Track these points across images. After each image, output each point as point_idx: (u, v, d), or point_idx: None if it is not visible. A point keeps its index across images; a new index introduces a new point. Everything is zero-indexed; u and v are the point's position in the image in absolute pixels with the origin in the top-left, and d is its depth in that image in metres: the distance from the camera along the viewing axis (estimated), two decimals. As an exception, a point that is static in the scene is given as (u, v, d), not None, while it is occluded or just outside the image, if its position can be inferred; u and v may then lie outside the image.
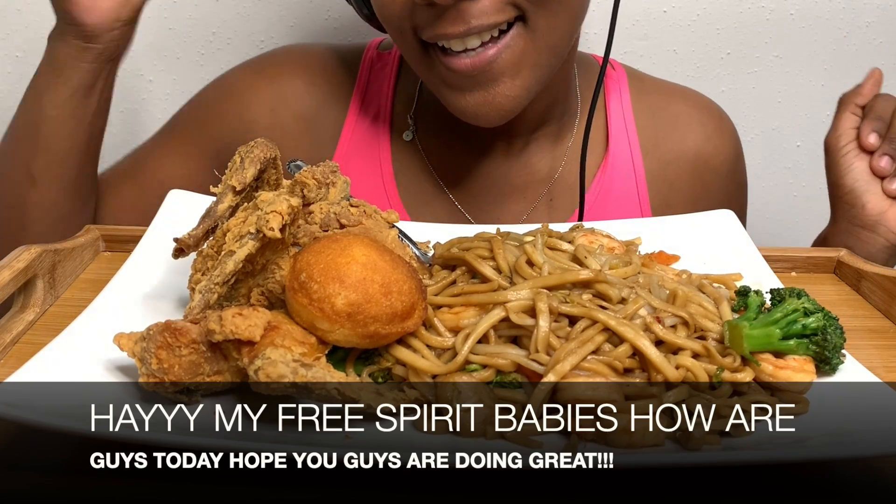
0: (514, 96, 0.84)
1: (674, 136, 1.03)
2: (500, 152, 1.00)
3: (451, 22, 0.79)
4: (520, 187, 1.00)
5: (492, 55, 0.81)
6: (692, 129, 1.03)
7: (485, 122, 0.86)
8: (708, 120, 1.05)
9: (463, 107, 0.86)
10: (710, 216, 0.87)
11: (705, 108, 1.06)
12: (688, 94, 1.08)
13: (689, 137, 1.03)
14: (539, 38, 0.83)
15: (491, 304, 0.61)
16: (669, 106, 1.04)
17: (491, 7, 0.79)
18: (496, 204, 1.01)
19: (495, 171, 1.00)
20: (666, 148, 1.03)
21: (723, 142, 1.05)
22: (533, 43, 0.83)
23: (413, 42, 0.84)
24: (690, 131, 1.03)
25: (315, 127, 1.02)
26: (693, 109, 1.05)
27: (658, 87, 1.07)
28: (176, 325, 0.56)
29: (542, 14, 0.82)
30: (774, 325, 0.61)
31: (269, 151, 0.67)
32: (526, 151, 1.00)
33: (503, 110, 0.85)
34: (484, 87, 0.83)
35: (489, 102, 0.84)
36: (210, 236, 0.65)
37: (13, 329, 0.67)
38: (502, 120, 0.86)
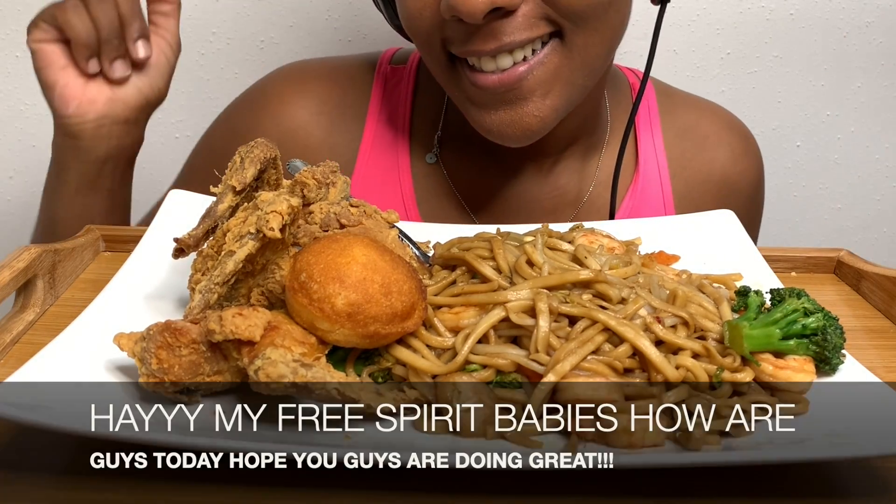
0: (543, 116, 0.81)
1: (702, 157, 1.00)
2: (528, 174, 0.95)
3: (482, 39, 0.76)
4: (549, 210, 0.97)
5: (522, 72, 0.78)
6: (720, 151, 1.00)
7: (511, 141, 0.82)
8: (737, 142, 1.02)
9: (488, 125, 0.82)
10: (711, 216, 0.87)
11: (734, 128, 1.03)
12: (717, 112, 1.04)
13: (717, 159, 1.00)
14: (575, 56, 0.79)
15: (491, 304, 0.61)
16: (699, 126, 1.01)
17: (524, 23, 0.76)
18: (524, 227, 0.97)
19: (523, 193, 0.96)
20: (694, 169, 0.99)
21: (749, 165, 1.02)
22: (568, 60, 0.79)
23: (441, 56, 0.81)
24: (719, 153, 1.00)
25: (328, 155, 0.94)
26: (722, 130, 1.01)
27: (686, 104, 1.03)
28: (176, 325, 0.56)
29: (579, 31, 0.78)
30: (774, 325, 0.61)
31: (269, 151, 0.67)
32: (554, 172, 0.96)
33: (530, 130, 0.81)
34: (511, 106, 0.80)
35: (516, 122, 0.80)
36: (210, 236, 0.65)
37: (13, 329, 0.67)
38: (529, 140, 0.83)
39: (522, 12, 0.76)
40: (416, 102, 0.98)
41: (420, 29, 0.80)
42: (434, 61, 0.83)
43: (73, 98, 0.84)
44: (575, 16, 0.76)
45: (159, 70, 0.88)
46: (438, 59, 0.82)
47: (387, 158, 0.96)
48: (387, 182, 0.96)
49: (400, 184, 0.96)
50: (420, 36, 0.81)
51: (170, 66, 0.89)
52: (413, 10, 0.80)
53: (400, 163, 0.96)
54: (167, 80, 0.90)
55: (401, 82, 0.99)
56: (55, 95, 0.85)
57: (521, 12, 0.76)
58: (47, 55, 0.83)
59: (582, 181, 0.97)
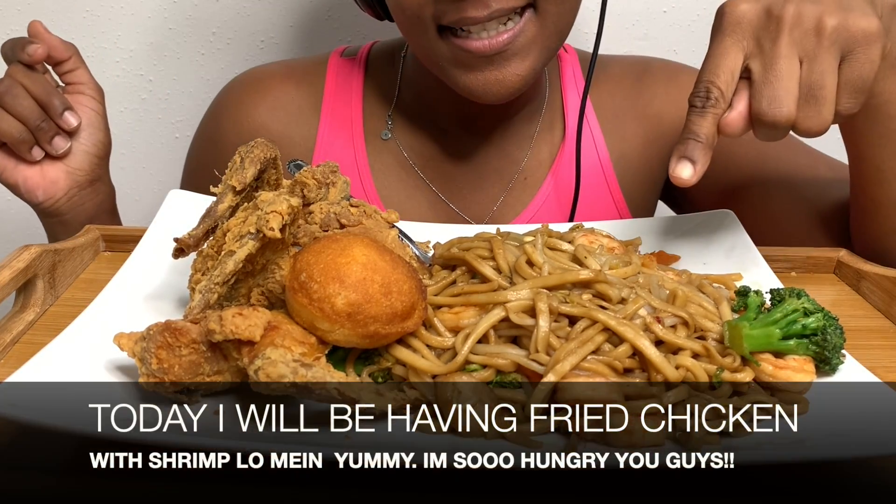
0: (523, 76, 0.88)
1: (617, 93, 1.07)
2: (479, 139, 1.04)
3: (473, 6, 0.83)
4: (497, 169, 1.04)
5: (506, 39, 0.85)
6: (628, 83, 1.07)
7: (494, 98, 0.89)
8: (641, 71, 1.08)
9: (473, 84, 0.89)
10: (711, 216, 0.87)
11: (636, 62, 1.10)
12: (624, 59, 1.12)
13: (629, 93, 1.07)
14: (549, 23, 0.87)
15: (491, 304, 0.61)
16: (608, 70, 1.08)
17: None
18: (475, 189, 1.04)
19: (474, 158, 1.04)
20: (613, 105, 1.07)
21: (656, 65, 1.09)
22: (542, 28, 0.87)
23: (430, 26, 0.87)
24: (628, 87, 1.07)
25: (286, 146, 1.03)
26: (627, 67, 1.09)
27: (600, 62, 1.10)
28: (176, 325, 0.56)
29: (552, 2, 0.86)
30: (774, 325, 0.61)
31: (269, 151, 0.67)
32: (503, 137, 1.04)
33: (512, 88, 0.89)
34: (496, 67, 0.87)
35: (500, 80, 0.88)
36: (210, 236, 0.65)
37: (13, 329, 0.67)
38: (510, 97, 0.90)
39: None
40: (366, 86, 1.06)
41: (411, 4, 0.86)
42: (421, 34, 0.88)
43: (36, 187, 0.92)
44: None
45: (93, 125, 0.95)
46: (426, 30, 0.87)
47: (342, 141, 1.04)
48: (342, 160, 1.03)
49: (356, 161, 1.03)
50: (410, 10, 0.86)
51: (100, 116, 0.96)
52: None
53: (355, 142, 1.04)
54: (104, 128, 0.96)
55: (353, 70, 1.07)
56: (22, 192, 0.93)
57: None
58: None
59: (525, 142, 1.05)
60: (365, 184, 1.03)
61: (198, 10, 1.30)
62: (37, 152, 0.90)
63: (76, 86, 0.94)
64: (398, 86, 1.05)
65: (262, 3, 1.30)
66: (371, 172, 1.03)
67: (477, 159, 1.04)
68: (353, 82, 1.06)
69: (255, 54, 1.33)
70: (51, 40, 0.92)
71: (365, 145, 1.04)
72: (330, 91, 1.06)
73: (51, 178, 0.92)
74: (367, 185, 1.03)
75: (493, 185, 1.04)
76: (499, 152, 1.04)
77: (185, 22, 1.31)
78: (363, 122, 1.05)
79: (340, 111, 1.05)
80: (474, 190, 1.04)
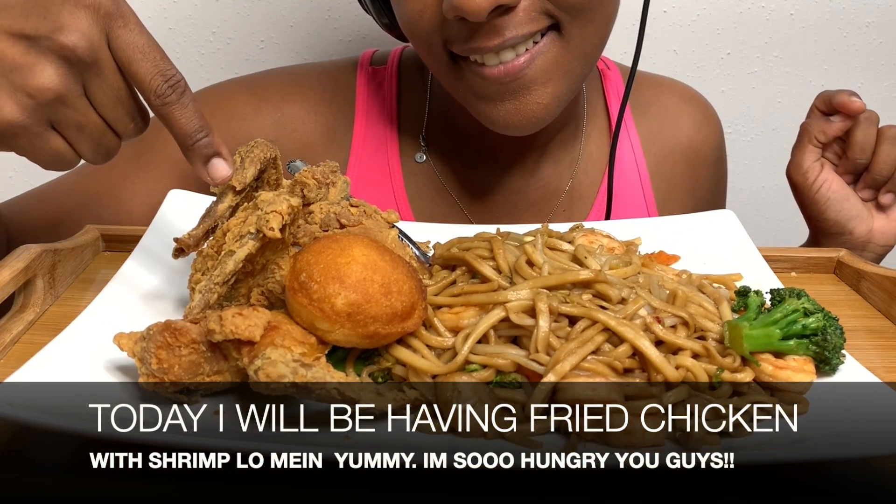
0: (546, 104, 0.83)
1: (667, 129, 1.05)
2: (514, 167, 0.98)
3: (485, 36, 0.77)
4: (536, 201, 1.00)
5: (523, 62, 0.80)
6: (683, 120, 1.05)
7: (516, 130, 0.84)
8: (697, 111, 1.07)
9: (494, 117, 0.84)
10: (710, 216, 0.87)
11: (692, 99, 1.08)
12: (675, 86, 1.10)
13: (682, 129, 1.05)
14: (573, 46, 0.82)
15: (491, 304, 0.61)
16: (661, 99, 1.06)
17: (525, 18, 0.78)
18: (514, 219, 0.99)
19: (511, 186, 0.99)
20: (662, 143, 1.04)
21: (710, 130, 1.07)
22: (565, 51, 0.81)
23: (442, 55, 0.82)
24: (682, 123, 1.05)
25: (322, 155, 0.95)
26: (682, 101, 1.07)
27: (647, 81, 1.08)
28: (176, 325, 0.56)
29: (576, 23, 0.80)
30: (774, 325, 0.61)
31: (269, 151, 0.67)
32: (540, 164, 0.99)
33: (535, 118, 0.83)
34: (515, 96, 0.82)
35: (520, 111, 0.82)
36: (210, 236, 0.65)
37: (13, 329, 0.67)
38: (534, 129, 0.84)
39: (523, 7, 0.77)
40: (401, 101, 1.00)
41: (420, 30, 0.81)
42: (435, 61, 0.84)
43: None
44: (572, 8, 0.79)
45: None
46: (440, 59, 0.83)
47: (377, 160, 0.98)
48: (380, 184, 0.98)
49: (392, 184, 0.98)
50: (420, 37, 0.82)
51: None
52: (413, 12, 0.80)
53: (391, 162, 0.98)
54: None
55: (383, 84, 1.00)
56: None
57: (522, 7, 0.77)
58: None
59: (567, 168, 1.01)
60: (401, 207, 0.98)
61: (198, 10, 1.30)
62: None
63: None
64: (428, 104, 1.00)
65: (262, 3, 1.30)
66: (407, 196, 0.98)
67: (512, 188, 0.99)
68: (385, 96, 1.00)
69: (255, 54, 1.33)
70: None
71: (401, 168, 0.98)
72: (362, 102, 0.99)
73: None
74: (403, 209, 0.98)
75: (532, 214, 0.99)
76: (537, 181, 0.99)
77: (185, 22, 1.31)
78: (399, 140, 0.99)
79: (373, 128, 0.99)
80: (512, 220, 0.98)
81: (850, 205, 0.93)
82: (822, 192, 0.94)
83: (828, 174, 0.94)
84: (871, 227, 0.93)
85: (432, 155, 0.99)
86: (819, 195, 0.94)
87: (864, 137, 0.90)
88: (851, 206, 0.93)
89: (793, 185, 0.98)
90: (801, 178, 0.95)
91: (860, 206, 0.94)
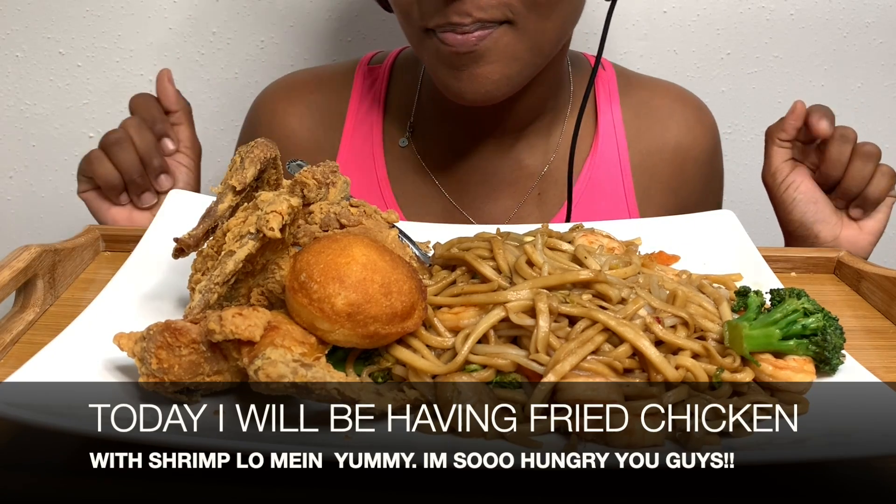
0: (495, 80, 0.89)
1: (656, 128, 1.07)
2: (491, 149, 1.04)
3: (456, 11, 0.85)
4: (511, 182, 1.05)
5: (476, 37, 0.86)
6: (674, 121, 1.07)
7: (471, 96, 0.90)
8: (690, 113, 1.09)
9: (452, 85, 0.90)
10: (710, 216, 0.87)
11: (686, 100, 1.10)
12: (670, 88, 1.11)
13: (670, 129, 1.07)
14: (526, 38, 0.87)
15: (491, 304, 0.61)
16: (653, 100, 1.08)
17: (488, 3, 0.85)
18: (489, 199, 1.05)
19: (487, 167, 1.04)
20: (649, 140, 1.07)
21: (702, 133, 1.09)
22: (518, 41, 0.87)
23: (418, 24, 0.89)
24: (673, 123, 1.07)
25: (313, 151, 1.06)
26: (675, 103, 1.09)
27: (643, 83, 1.11)
28: (176, 325, 0.56)
29: (532, 17, 0.86)
30: (774, 325, 0.61)
31: (269, 151, 0.67)
32: (516, 148, 1.04)
33: (486, 91, 0.89)
34: (469, 68, 0.88)
35: (473, 82, 0.89)
36: (210, 236, 0.65)
37: (13, 329, 0.67)
38: (484, 101, 0.90)
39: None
40: (389, 94, 1.08)
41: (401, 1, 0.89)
42: (412, 29, 0.91)
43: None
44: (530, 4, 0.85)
45: (184, 182, 1.00)
46: (415, 28, 0.90)
47: (363, 147, 1.07)
48: (361, 167, 1.06)
49: (374, 167, 1.06)
50: (400, 6, 0.90)
51: (192, 173, 1.01)
52: None
53: (374, 149, 1.06)
54: (193, 187, 1.02)
55: (376, 80, 1.09)
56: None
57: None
58: (92, 202, 0.96)
59: (543, 155, 1.05)
60: (383, 190, 1.05)
61: (198, 10, 1.30)
62: (124, 199, 0.96)
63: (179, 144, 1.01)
64: (418, 92, 1.07)
65: (262, 4, 1.30)
66: (389, 179, 1.05)
67: (489, 169, 1.05)
68: (376, 90, 1.08)
69: (255, 54, 1.33)
70: (167, 91, 1.00)
71: (383, 152, 1.06)
72: (355, 99, 1.08)
73: (136, 223, 0.95)
74: (385, 191, 1.05)
75: (506, 196, 1.04)
76: (512, 163, 1.05)
77: (185, 22, 1.31)
78: (383, 129, 1.07)
79: (363, 119, 1.07)
80: (487, 200, 1.05)
81: (817, 208, 0.95)
82: (788, 193, 0.97)
83: (798, 175, 0.97)
84: (838, 234, 0.95)
85: (417, 140, 1.06)
86: (786, 195, 0.97)
87: (838, 154, 0.93)
88: (819, 209, 0.95)
89: (765, 187, 1.01)
90: (770, 179, 0.99)
91: (829, 212, 0.96)
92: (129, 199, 0.96)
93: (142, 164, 0.95)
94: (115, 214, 0.96)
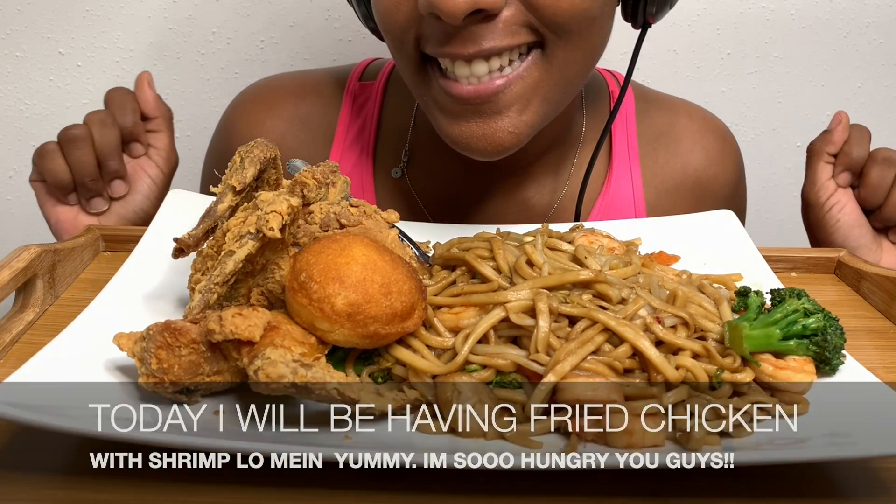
0: (517, 133, 0.75)
1: (674, 161, 0.98)
2: (495, 187, 0.93)
3: (461, 42, 0.71)
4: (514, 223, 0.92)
5: (500, 85, 0.73)
6: (694, 153, 0.98)
7: (480, 155, 0.77)
8: (712, 142, 1.00)
9: (457, 136, 0.76)
10: (711, 216, 0.87)
11: (709, 128, 1.01)
12: (693, 113, 1.02)
13: (690, 163, 0.98)
14: (555, 71, 0.75)
15: (491, 304, 0.61)
16: (674, 128, 0.99)
17: (505, 29, 0.71)
18: None
19: (490, 207, 0.94)
20: (666, 176, 0.98)
21: (725, 166, 1.00)
22: (547, 75, 0.75)
23: (413, 54, 0.76)
24: (693, 156, 0.98)
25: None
26: (697, 132, 0.99)
27: (663, 105, 1.02)
28: (176, 325, 0.56)
29: (561, 44, 0.73)
30: (774, 325, 0.61)
31: (269, 151, 0.67)
32: (522, 185, 0.94)
33: (502, 146, 0.76)
34: (484, 119, 0.74)
35: (488, 136, 0.75)
36: (210, 236, 0.65)
37: (13, 329, 0.67)
38: (499, 156, 0.77)
39: (504, 17, 0.71)
40: (382, 119, 0.96)
41: (394, 24, 0.74)
42: (405, 61, 0.77)
43: (66, 231, 0.91)
44: (558, 26, 0.72)
45: (143, 194, 0.93)
46: (410, 59, 0.76)
47: (351, 174, 0.96)
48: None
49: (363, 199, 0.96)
50: (393, 32, 0.75)
51: (157, 187, 0.93)
52: (389, 4, 0.74)
53: (364, 178, 0.95)
54: (154, 199, 0.93)
55: (368, 100, 0.97)
56: (52, 228, 0.92)
57: (503, 17, 0.71)
58: (39, 195, 0.91)
59: (551, 193, 0.95)
60: None
61: (198, 10, 1.30)
62: (73, 199, 0.90)
63: (152, 149, 0.93)
64: (413, 117, 0.94)
65: (262, 3, 1.30)
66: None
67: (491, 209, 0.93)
68: (368, 112, 0.96)
69: (255, 54, 1.33)
70: (146, 95, 0.92)
71: (374, 184, 0.95)
72: (344, 121, 0.97)
73: (81, 226, 0.89)
74: None
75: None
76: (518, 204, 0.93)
77: (185, 22, 1.31)
78: (374, 156, 0.96)
79: (352, 143, 0.96)
80: None
81: (859, 233, 0.91)
82: (832, 214, 0.91)
83: (843, 196, 0.91)
84: (879, 259, 0.91)
85: (412, 170, 0.95)
86: (829, 216, 0.91)
87: (879, 179, 0.88)
88: (861, 234, 0.91)
89: (805, 205, 0.94)
90: (815, 197, 0.92)
91: (870, 237, 0.91)
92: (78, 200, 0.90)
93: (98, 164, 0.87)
94: (59, 213, 0.90)
